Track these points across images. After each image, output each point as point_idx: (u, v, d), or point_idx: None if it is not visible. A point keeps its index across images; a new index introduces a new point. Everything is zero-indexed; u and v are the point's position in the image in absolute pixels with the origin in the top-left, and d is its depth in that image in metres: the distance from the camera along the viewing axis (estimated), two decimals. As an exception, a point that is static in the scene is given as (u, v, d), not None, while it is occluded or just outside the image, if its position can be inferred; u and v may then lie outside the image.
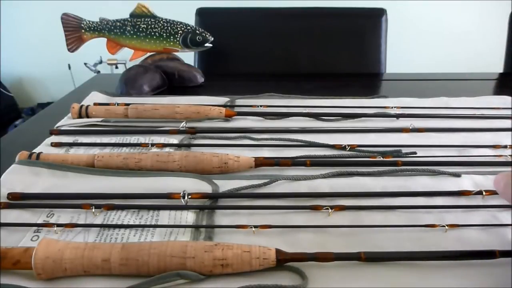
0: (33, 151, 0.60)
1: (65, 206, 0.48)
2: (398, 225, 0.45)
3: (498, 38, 1.29)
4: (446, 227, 0.44)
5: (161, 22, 0.91)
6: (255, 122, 0.74)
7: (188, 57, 1.13)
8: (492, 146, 0.63)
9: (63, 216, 0.47)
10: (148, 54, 0.97)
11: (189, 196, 0.48)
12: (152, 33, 0.91)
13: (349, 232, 0.45)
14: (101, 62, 2.18)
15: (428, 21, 2.15)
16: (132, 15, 0.91)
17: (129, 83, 0.90)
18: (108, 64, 2.11)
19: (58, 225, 0.44)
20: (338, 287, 0.38)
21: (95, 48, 1.01)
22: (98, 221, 0.46)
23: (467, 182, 0.54)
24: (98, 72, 2.12)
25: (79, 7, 1.22)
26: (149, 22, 0.91)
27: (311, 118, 0.74)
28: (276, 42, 1.23)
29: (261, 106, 0.77)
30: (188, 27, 0.92)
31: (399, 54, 1.58)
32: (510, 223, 0.46)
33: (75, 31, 0.91)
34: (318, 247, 0.40)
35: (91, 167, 0.56)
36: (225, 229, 0.45)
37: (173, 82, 0.97)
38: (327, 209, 0.47)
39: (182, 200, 0.48)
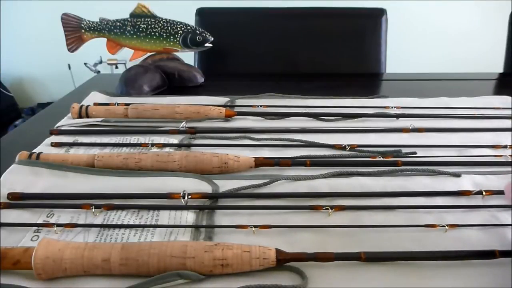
0: (33, 151, 0.60)
1: (65, 206, 0.48)
2: (398, 225, 0.45)
3: (498, 38, 1.29)
4: (446, 227, 0.44)
5: (161, 22, 0.91)
6: (255, 122, 0.74)
7: (188, 57, 1.13)
8: (492, 146, 0.63)
9: (63, 216, 0.47)
10: (148, 54, 0.98)
11: (189, 196, 0.48)
12: (152, 33, 0.91)
13: (349, 232, 0.45)
14: (101, 62, 2.18)
15: (428, 21, 2.15)
16: (132, 15, 0.91)
17: (129, 83, 0.90)
18: (108, 64, 2.11)
19: (58, 225, 0.44)
20: (338, 287, 0.38)
21: (95, 48, 1.01)
22: (98, 221, 0.46)
23: (467, 182, 0.54)
24: (98, 72, 2.12)
25: (79, 7, 1.22)
26: (149, 22, 0.91)
27: (311, 118, 0.74)
28: (276, 42, 1.23)
29: (261, 106, 0.77)
30: (188, 27, 0.92)
31: (399, 54, 1.58)
32: (510, 223, 0.46)
33: (75, 31, 0.91)
34: (318, 247, 0.40)
35: (91, 167, 0.56)
36: (225, 229, 0.45)
37: (173, 82, 0.97)
38: (327, 209, 0.47)
39: (182, 200, 0.48)
